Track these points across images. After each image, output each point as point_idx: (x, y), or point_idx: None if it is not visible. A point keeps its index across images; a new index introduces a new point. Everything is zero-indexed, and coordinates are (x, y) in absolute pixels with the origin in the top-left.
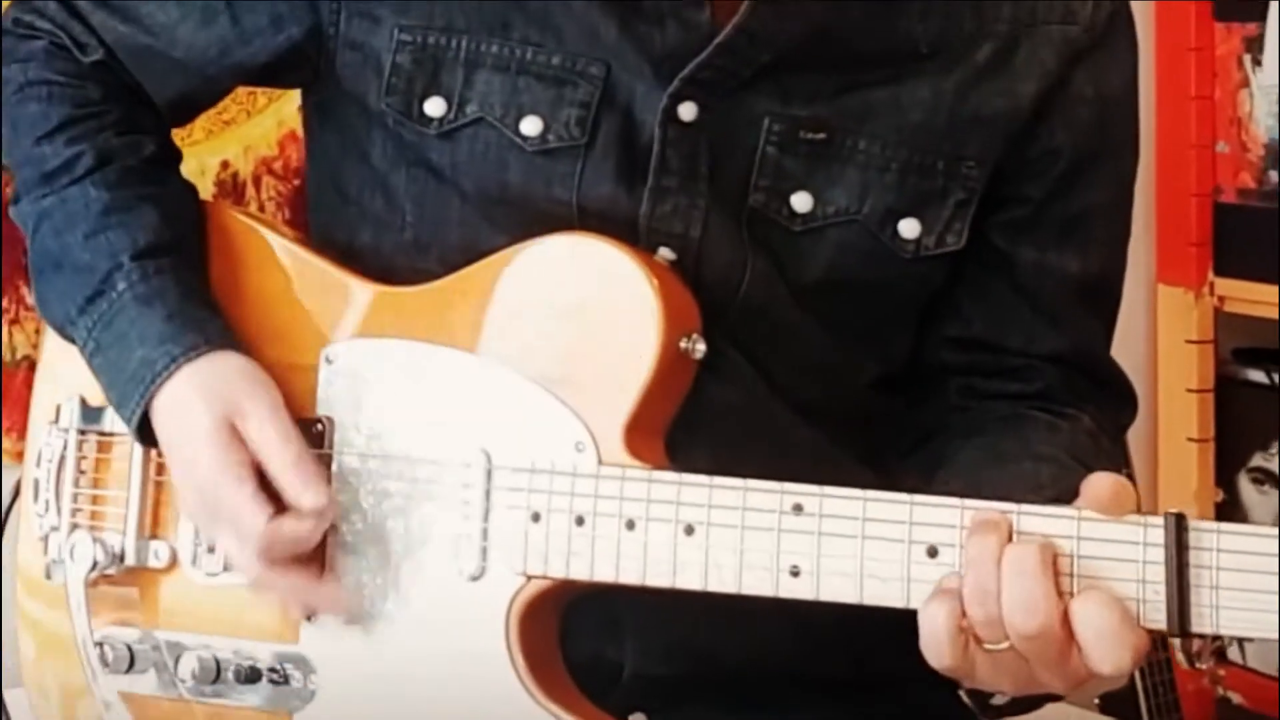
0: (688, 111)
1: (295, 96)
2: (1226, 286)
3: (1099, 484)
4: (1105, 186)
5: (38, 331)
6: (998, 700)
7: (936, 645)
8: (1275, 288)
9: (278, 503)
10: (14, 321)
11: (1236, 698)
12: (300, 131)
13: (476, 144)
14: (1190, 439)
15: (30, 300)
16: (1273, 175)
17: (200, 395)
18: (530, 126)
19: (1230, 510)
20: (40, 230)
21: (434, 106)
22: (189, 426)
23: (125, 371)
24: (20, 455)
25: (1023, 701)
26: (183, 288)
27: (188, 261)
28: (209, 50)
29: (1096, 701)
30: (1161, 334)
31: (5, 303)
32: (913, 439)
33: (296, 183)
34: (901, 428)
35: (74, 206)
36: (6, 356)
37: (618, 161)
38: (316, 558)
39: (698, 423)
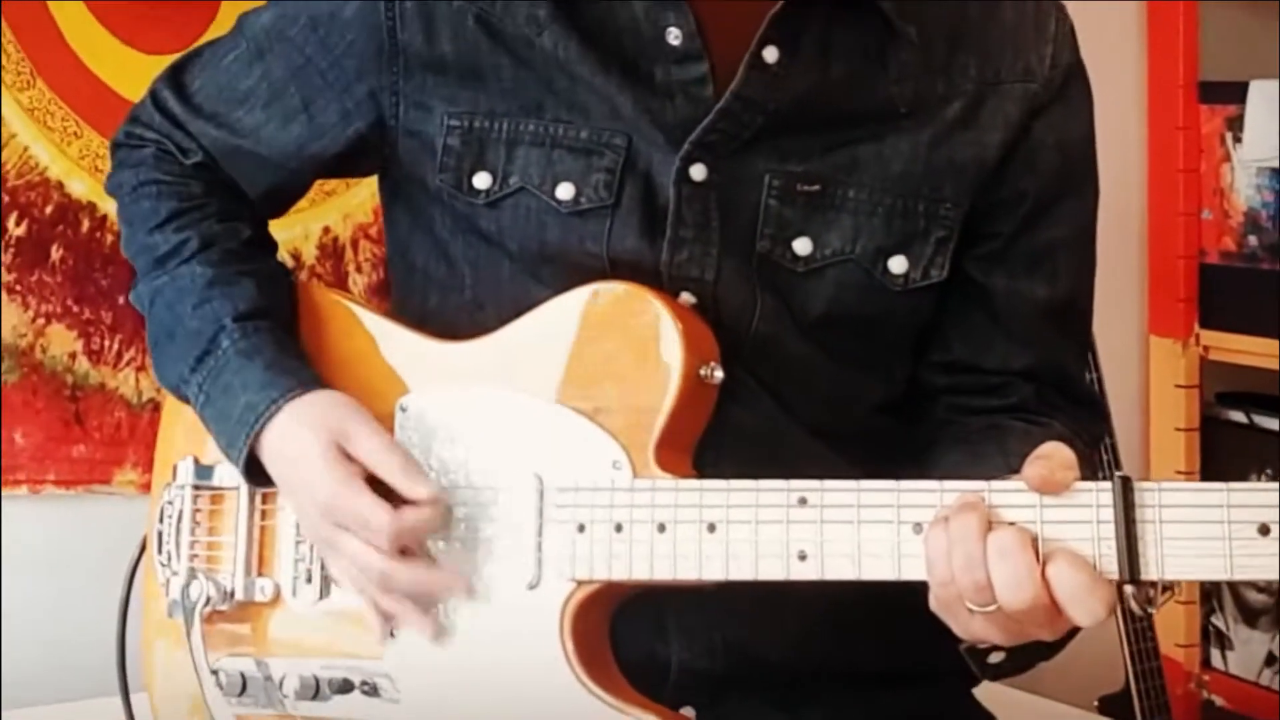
0: (698, 172)
1: None
2: (1211, 338)
3: (1041, 447)
4: (1068, 222)
5: None
6: (994, 659)
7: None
8: (1255, 339)
9: (393, 502)
10: (140, 369)
11: (1220, 700)
12: None
13: (519, 210)
14: (1178, 472)
15: None
16: (1251, 239)
17: (307, 426)
18: (564, 192)
19: None
20: (155, 306)
21: (481, 180)
22: (301, 454)
23: (232, 417)
24: (145, 486)
25: (1018, 660)
26: (278, 343)
27: (281, 323)
28: (289, 145)
29: (1095, 703)
30: (1153, 379)
31: (132, 353)
32: (910, 453)
33: None
34: (900, 444)
35: (183, 283)
36: (133, 399)
37: (640, 218)
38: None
39: (723, 444)
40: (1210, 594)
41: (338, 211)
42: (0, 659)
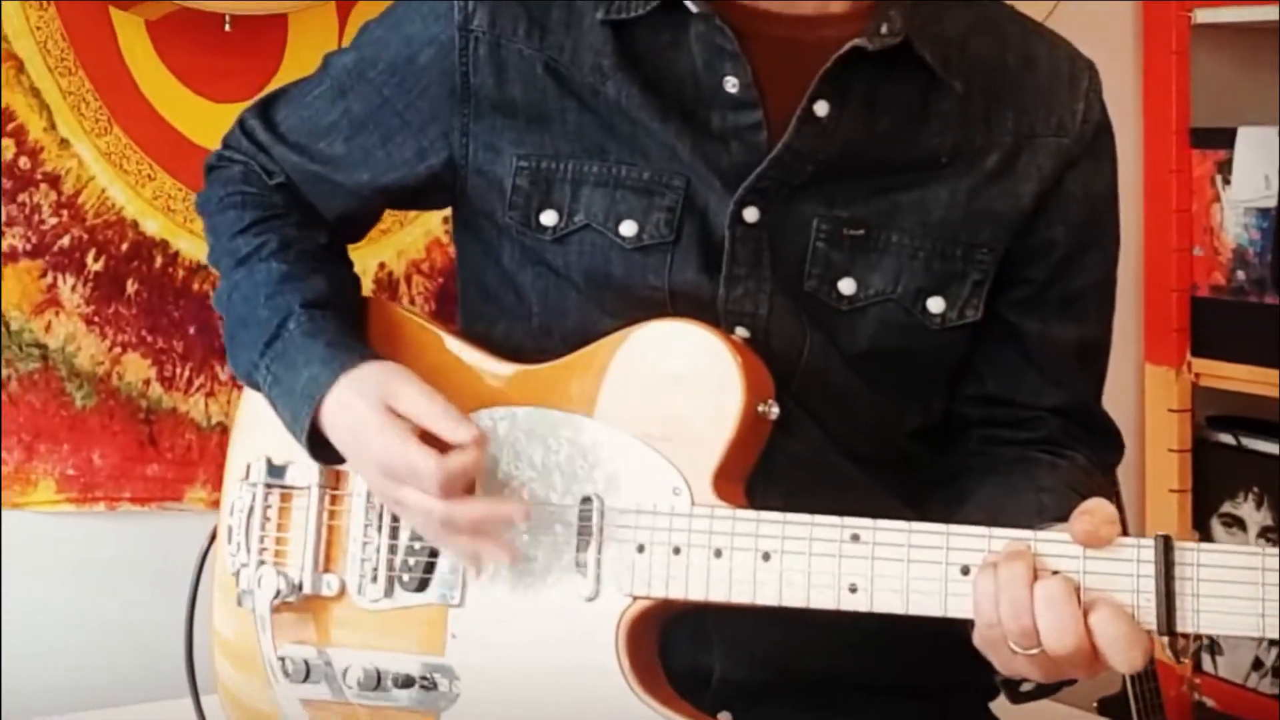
0: (751, 214)
1: (440, 210)
2: (1202, 365)
3: (1085, 503)
4: (1095, 269)
5: (229, 401)
6: (1026, 687)
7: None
8: (1243, 366)
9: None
10: (209, 394)
11: (1210, 702)
12: (443, 239)
13: (584, 245)
14: (1172, 490)
15: (222, 376)
16: (1240, 274)
17: (358, 393)
18: (628, 229)
19: None
20: (232, 300)
21: (548, 218)
22: (356, 418)
23: (296, 391)
24: (215, 503)
25: (1047, 688)
26: (341, 327)
27: (347, 319)
28: (365, 177)
29: (1095, 704)
30: (1148, 404)
31: (202, 379)
32: (942, 479)
33: (440, 281)
34: (934, 470)
35: (259, 277)
36: (203, 422)
37: (699, 255)
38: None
39: (773, 471)
40: None
41: (392, 249)
42: (8, 667)
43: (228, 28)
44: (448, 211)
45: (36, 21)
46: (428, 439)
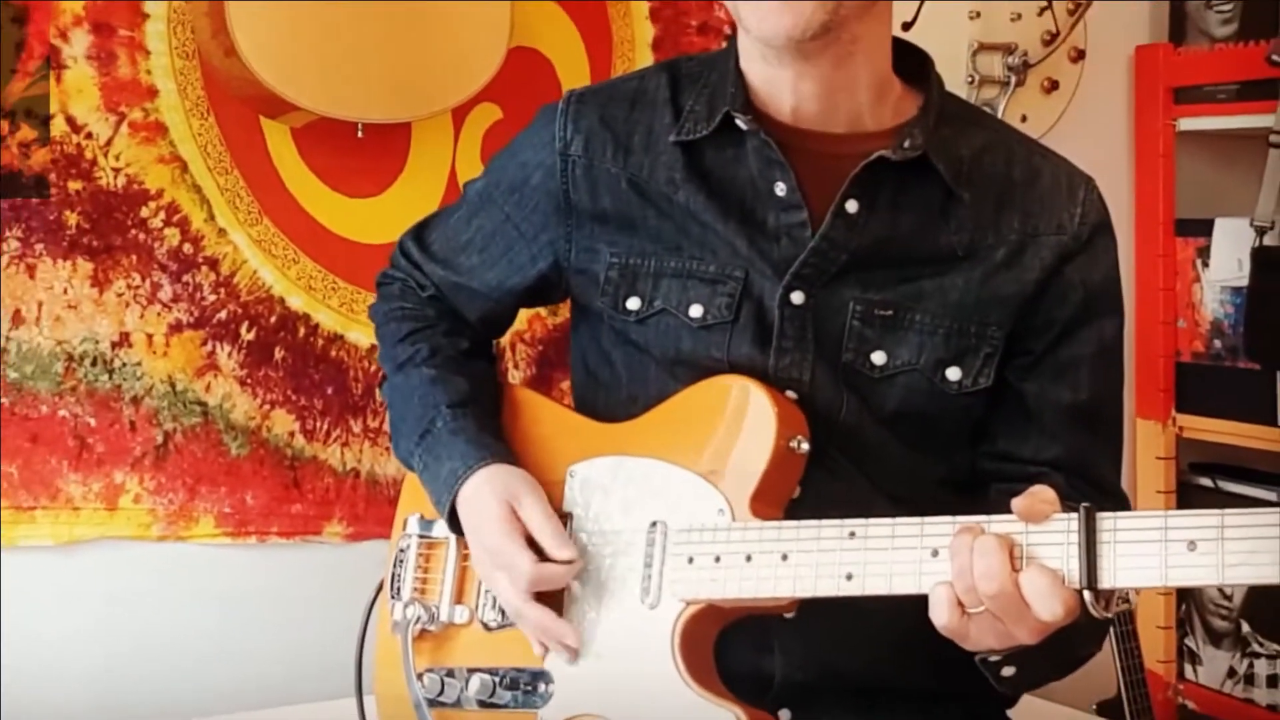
0: (797, 297)
1: None
2: (1185, 420)
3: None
4: (1089, 343)
5: (361, 450)
6: (1006, 673)
7: (939, 610)
8: (1220, 421)
9: (539, 557)
10: (344, 444)
11: (1191, 704)
12: (543, 313)
13: (660, 326)
14: None
15: (355, 429)
16: (1217, 343)
17: (490, 489)
18: (696, 311)
19: None
20: (394, 399)
21: (633, 303)
22: (482, 508)
23: (440, 479)
24: (349, 537)
25: (1028, 676)
26: (479, 425)
27: (485, 413)
28: (493, 281)
29: (1093, 707)
30: (1139, 453)
31: (338, 431)
32: None
33: (539, 348)
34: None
35: (414, 380)
36: (339, 468)
37: (753, 332)
38: (557, 605)
39: (821, 507)
40: (1184, 620)
41: None
42: (173, 673)
43: (360, 134)
44: None
45: (198, 129)
46: (532, 545)
